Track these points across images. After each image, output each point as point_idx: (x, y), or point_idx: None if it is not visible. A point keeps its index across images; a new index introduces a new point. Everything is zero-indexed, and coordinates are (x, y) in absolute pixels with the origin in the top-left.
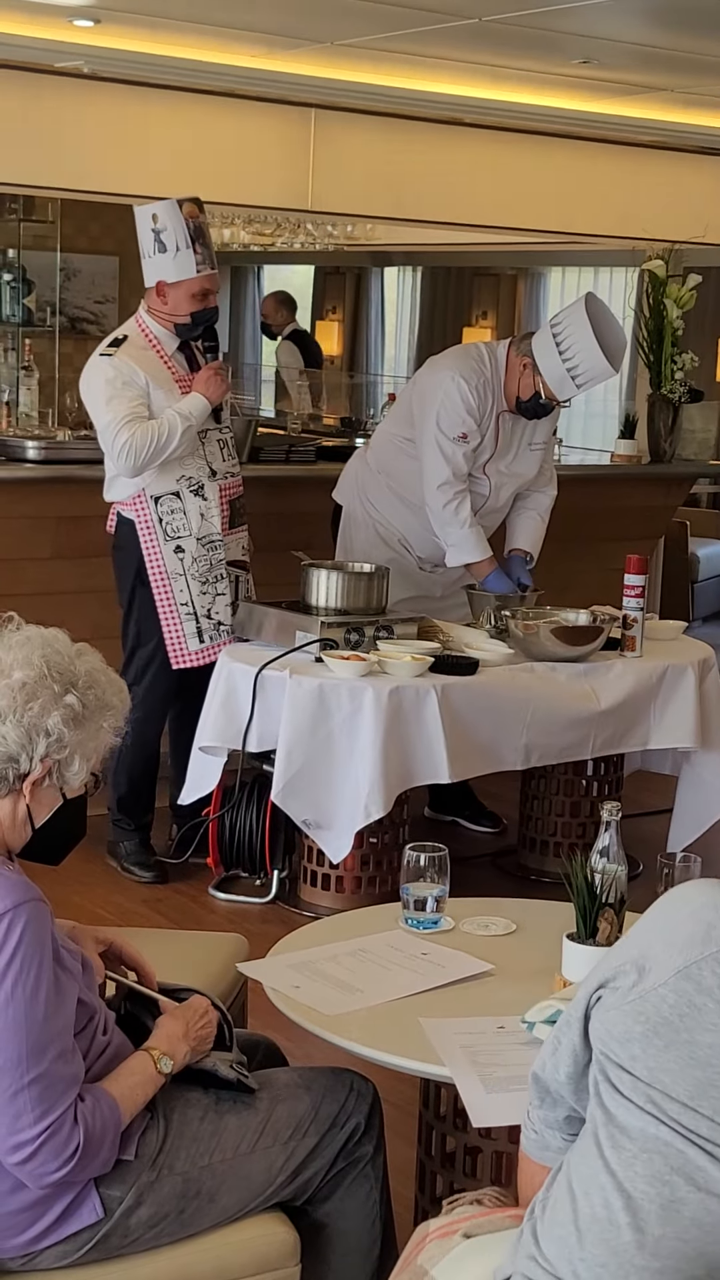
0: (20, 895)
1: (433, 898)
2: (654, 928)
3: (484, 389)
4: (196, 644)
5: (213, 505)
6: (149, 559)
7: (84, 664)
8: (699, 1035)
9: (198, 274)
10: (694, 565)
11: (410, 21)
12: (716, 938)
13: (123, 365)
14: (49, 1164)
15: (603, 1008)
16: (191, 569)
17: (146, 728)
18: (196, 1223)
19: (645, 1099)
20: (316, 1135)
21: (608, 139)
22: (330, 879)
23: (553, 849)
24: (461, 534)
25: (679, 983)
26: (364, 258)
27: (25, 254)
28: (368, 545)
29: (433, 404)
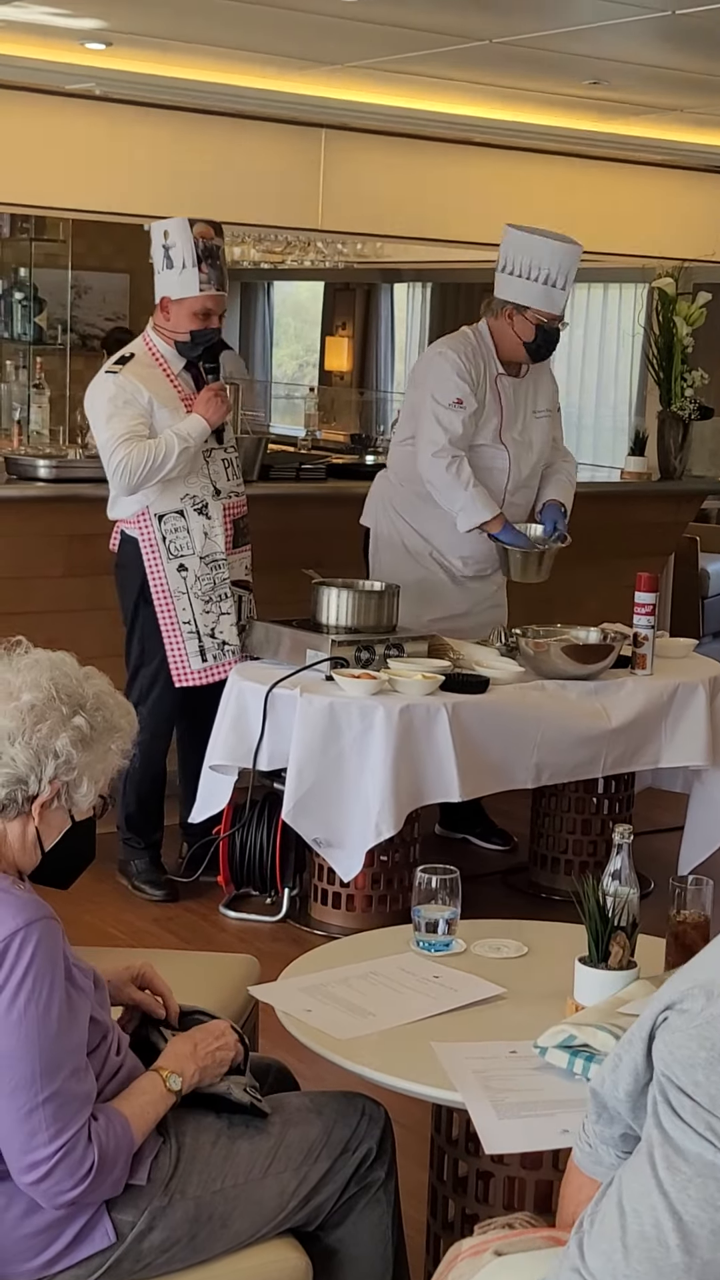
0: (32, 914)
1: (444, 920)
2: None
3: (474, 355)
4: (199, 663)
5: (216, 524)
6: (152, 577)
7: (92, 686)
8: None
9: (200, 293)
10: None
11: (420, 43)
12: None
13: (126, 383)
14: (64, 1183)
15: (668, 1029)
16: (195, 588)
17: (152, 746)
18: (208, 1248)
19: (705, 1126)
20: (329, 1160)
21: (617, 158)
22: (341, 897)
23: (564, 867)
24: (467, 495)
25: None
26: (374, 274)
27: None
28: (395, 563)
29: (425, 382)
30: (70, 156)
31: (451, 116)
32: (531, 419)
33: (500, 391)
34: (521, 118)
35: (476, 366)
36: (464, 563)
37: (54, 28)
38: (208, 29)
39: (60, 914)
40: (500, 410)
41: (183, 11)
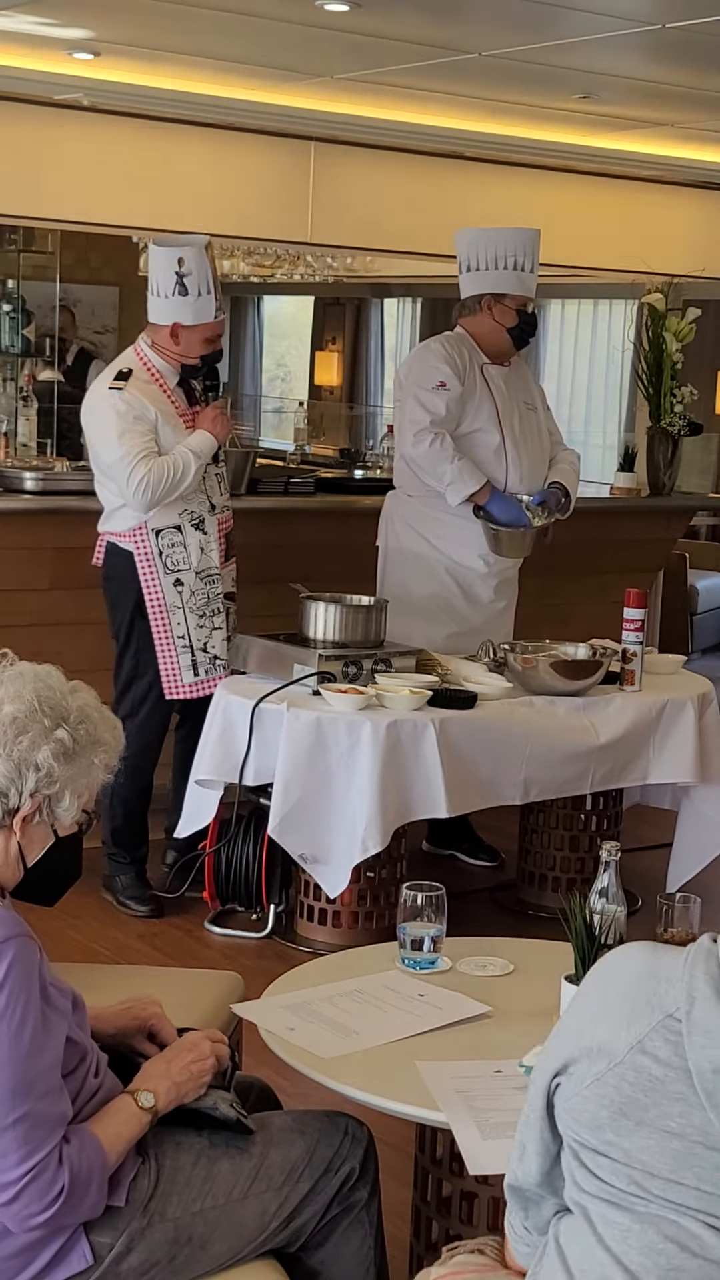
0: (7, 931)
1: (430, 937)
2: (595, 1009)
3: (457, 343)
4: (191, 676)
5: (212, 539)
6: (148, 592)
7: (77, 700)
8: (668, 1107)
9: (215, 319)
10: (693, 598)
11: (410, 56)
12: (659, 1004)
13: (133, 400)
14: (32, 1206)
15: (563, 1097)
16: (190, 602)
17: (141, 760)
18: (188, 1270)
19: (627, 1180)
20: (310, 1180)
21: (607, 173)
22: (327, 914)
23: (551, 883)
24: (454, 468)
25: (634, 1058)
26: (363, 289)
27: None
28: (406, 578)
29: (409, 375)
30: (58, 167)
31: (441, 130)
32: (524, 411)
33: (489, 379)
34: (512, 131)
35: (462, 356)
36: (485, 563)
37: (42, 37)
38: (196, 40)
39: (43, 930)
40: (492, 396)
41: (171, 22)
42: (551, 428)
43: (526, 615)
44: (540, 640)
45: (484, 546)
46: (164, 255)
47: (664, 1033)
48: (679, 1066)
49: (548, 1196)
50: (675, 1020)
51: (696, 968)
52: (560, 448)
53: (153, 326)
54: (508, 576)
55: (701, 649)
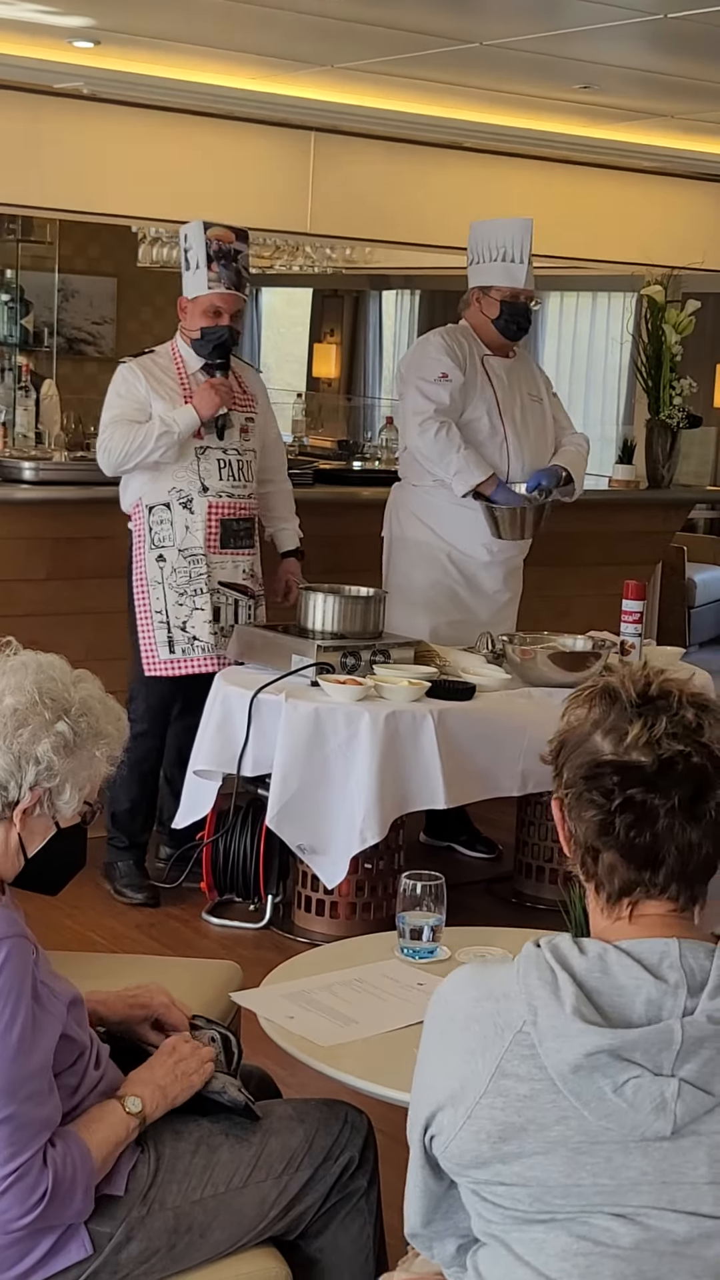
0: (1, 932)
1: (429, 927)
2: (444, 1050)
3: (456, 334)
4: (166, 653)
5: (198, 520)
6: (135, 566)
7: (80, 691)
8: (543, 1117)
9: (209, 290)
10: (691, 591)
11: (411, 45)
12: (504, 1023)
13: (128, 373)
14: (13, 1209)
15: (440, 1147)
16: (170, 579)
17: (140, 744)
18: (187, 1258)
19: (529, 1199)
20: (310, 1169)
21: (607, 164)
22: (325, 904)
23: (548, 875)
24: (459, 458)
25: (498, 1084)
26: (362, 281)
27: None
28: (409, 567)
29: (410, 369)
30: (57, 156)
31: (442, 120)
32: (529, 402)
33: (490, 371)
34: (512, 122)
35: (462, 346)
36: (489, 551)
37: (42, 25)
38: (197, 28)
39: (41, 919)
40: (493, 388)
41: (172, 11)
42: (559, 415)
43: (525, 607)
44: (539, 632)
45: (487, 535)
46: (180, 235)
47: (518, 1050)
48: (542, 1078)
49: (443, 1236)
50: (525, 1034)
51: (529, 977)
52: (568, 433)
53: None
54: (512, 566)
55: (699, 642)
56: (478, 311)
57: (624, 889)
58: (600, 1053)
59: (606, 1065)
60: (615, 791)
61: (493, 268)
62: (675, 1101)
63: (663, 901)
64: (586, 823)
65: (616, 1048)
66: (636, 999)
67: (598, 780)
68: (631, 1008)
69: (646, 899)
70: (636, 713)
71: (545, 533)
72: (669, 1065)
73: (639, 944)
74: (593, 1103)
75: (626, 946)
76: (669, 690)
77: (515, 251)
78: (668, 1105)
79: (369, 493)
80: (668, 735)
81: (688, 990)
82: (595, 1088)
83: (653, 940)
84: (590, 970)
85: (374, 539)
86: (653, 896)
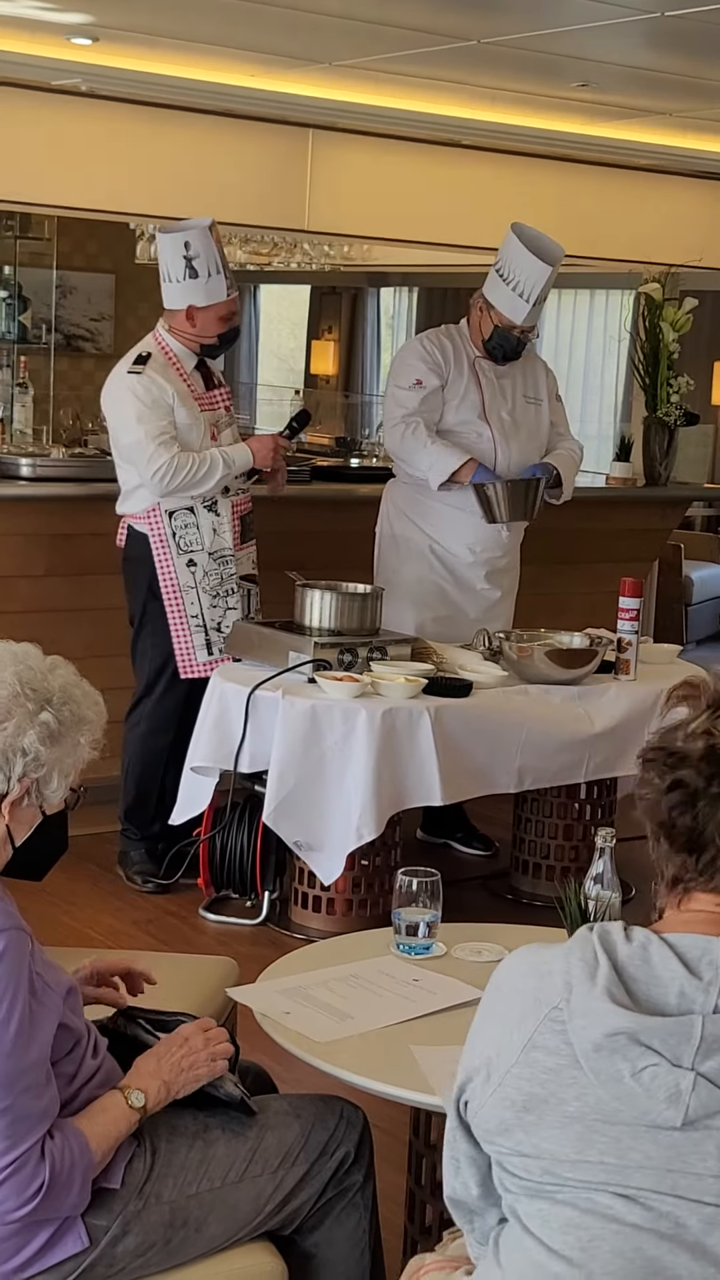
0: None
1: (424, 923)
2: (487, 1021)
3: (443, 338)
4: (205, 655)
5: (225, 521)
6: (161, 572)
7: (58, 679)
8: (564, 1094)
9: (227, 297)
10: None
11: (408, 43)
12: (543, 999)
13: (151, 384)
14: (10, 1201)
15: (472, 1112)
16: (203, 582)
17: (156, 739)
18: (183, 1253)
19: (540, 1171)
20: (305, 1164)
21: (605, 162)
22: (321, 901)
23: (545, 872)
24: (430, 451)
25: (528, 1055)
26: (360, 278)
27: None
28: (397, 561)
29: (390, 373)
30: (55, 153)
31: (439, 118)
32: (523, 403)
33: (480, 372)
34: (509, 120)
35: (445, 349)
36: (471, 551)
37: (40, 22)
38: (195, 25)
39: (37, 914)
40: (481, 392)
41: (170, 8)
42: (557, 420)
43: (522, 604)
44: (536, 629)
45: (471, 536)
46: (170, 241)
47: (551, 1025)
48: (567, 1054)
49: (490, 1207)
50: (559, 1011)
51: (573, 956)
52: (562, 439)
53: (169, 313)
54: (499, 566)
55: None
56: (476, 321)
57: (676, 877)
58: (620, 1034)
59: (626, 1048)
60: (666, 773)
61: (504, 292)
62: (690, 1094)
63: (711, 895)
64: (645, 802)
65: (636, 1032)
66: (670, 991)
67: (655, 762)
68: (665, 999)
69: (696, 890)
70: (707, 705)
71: (543, 529)
72: (688, 1059)
73: (684, 938)
74: (610, 1083)
75: (671, 939)
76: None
77: (529, 289)
78: (682, 1097)
79: (366, 489)
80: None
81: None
82: (614, 1069)
83: (696, 936)
84: (632, 957)
85: (371, 536)
86: (702, 888)
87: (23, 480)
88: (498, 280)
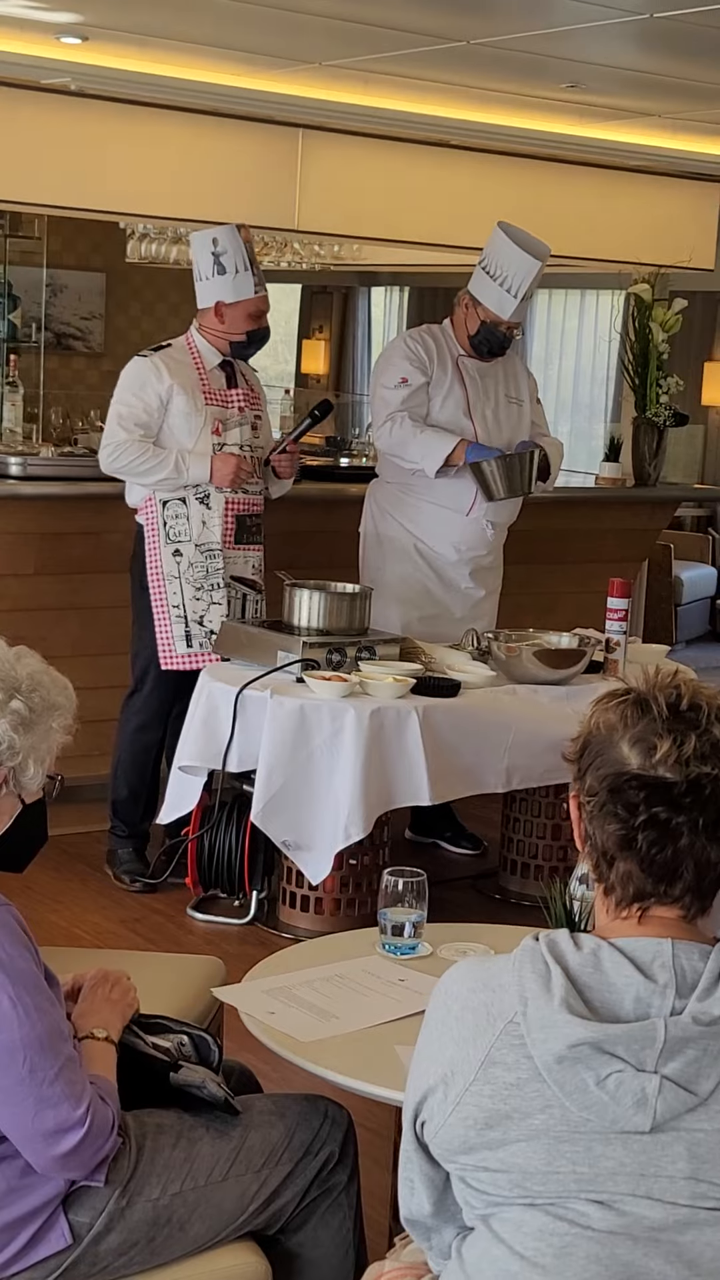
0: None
1: (410, 923)
2: (437, 1038)
3: (428, 336)
4: (184, 647)
5: (215, 515)
6: (149, 560)
7: (25, 667)
8: (527, 1106)
9: (255, 294)
10: (677, 588)
11: (398, 43)
12: (497, 1013)
13: (151, 367)
14: (97, 1141)
15: (431, 1131)
16: (187, 573)
17: (145, 734)
18: (167, 1251)
19: (509, 1185)
20: (290, 1163)
21: (595, 163)
22: (310, 900)
23: (533, 872)
24: (421, 440)
25: (486, 1072)
26: (351, 277)
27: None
28: (380, 560)
29: (375, 372)
30: (45, 152)
31: (429, 118)
32: (505, 402)
33: (463, 370)
34: (499, 120)
35: (428, 347)
36: (456, 549)
37: (30, 21)
38: (185, 25)
39: (26, 914)
40: (465, 389)
41: (160, 7)
42: (538, 420)
43: (510, 604)
44: (524, 629)
45: (456, 535)
46: (200, 239)
47: (508, 1040)
48: (528, 1068)
49: (445, 1224)
50: (515, 1024)
51: (524, 969)
52: (544, 438)
53: (201, 312)
54: (483, 564)
55: (686, 640)
56: (461, 314)
57: (637, 896)
58: (583, 1045)
59: (590, 1058)
60: (640, 808)
61: (490, 288)
62: (656, 1098)
63: (671, 908)
64: (608, 834)
65: (599, 1041)
66: (626, 996)
67: (622, 794)
68: (621, 1005)
69: (657, 906)
70: (666, 727)
71: (532, 529)
72: (651, 1062)
73: (633, 942)
74: (575, 1094)
75: (621, 944)
76: (699, 704)
77: (516, 285)
78: (648, 1101)
79: (356, 489)
80: (697, 756)
81: (677, 991)
82: (578, 1079)
83: (647, 939)
84: (583, 965)
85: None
86: (664, 904)
87: (12, 479)
88: (484, 277)
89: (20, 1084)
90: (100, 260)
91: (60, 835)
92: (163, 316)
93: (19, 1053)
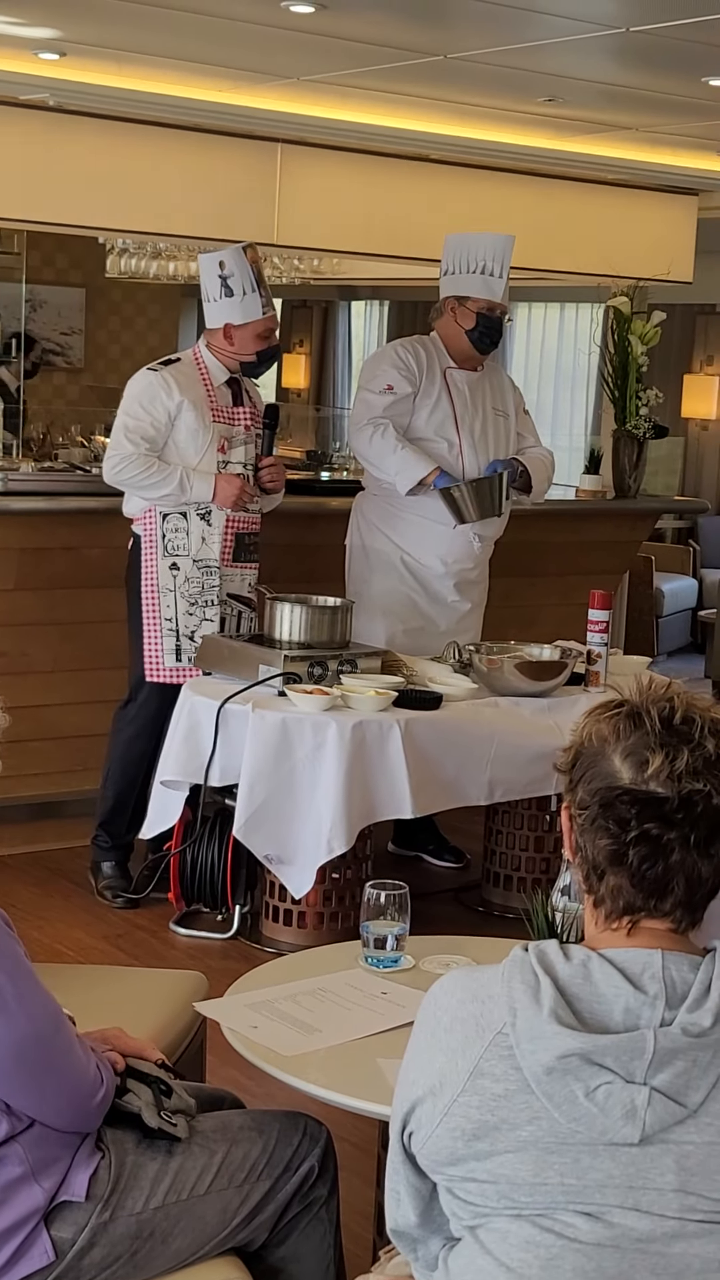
0: None
1: (393, 936)
2: (426, 1049)
3: (419, 346)
4: (173, 660)
5: (215, 532)
6: (145, 572)
7: None
8: (515, 1117)
9: (263, 315)
10: (658, 600)
11: (377, 58)
12: (486, 1024)
13: (161, 384)
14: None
15: (418, 1143)
16: (183, 588)
17: (136, 744)
18: (149, 1266)
19: (497, 1195)
20: (270, 1178)
21: (573, 176)
22: (292, 914)
23: (516, 884)
24: (399, 457)
25: (475, 1083)
26: (331, 291)
27: None
28: (366, 572)
29: (361, 377)
30: (23, 167)
31: (407, 132)
32: (493, 415)
33: (451, 383)
34: (478, 134)
35: (418, 358)
36: (443, 563)
37: (7, 36)
38: (163, 41)
39: None
40: (452, 402)
41: (138, 23)
42: (525, 432)
43: (492, 616)
44: (505, 641)
45: (442, 548)
46: (208, 261)
47: (497, 1051)
48: (517, 1079)
49: (431, 1235)
50: (504, 1036)
51: (513, 980)
52: (532, 449)
53: (209, 331)
54: (469, 578)
55: (667, 651)
56: (451, 322)
57: (627, 909)
58: (572, 1056)
59: (579, 1069)
60: (632, 823)
61: (471, 279)
62: (645, 1109)
63: (662, 921)
64: (599, 848)
65: (588, 1052)
66: (615, 1007)
67: (614, 809)
68: (610, 1016)
69: (647, 919)
70: (659, 741)
71: (513, 542)
72: (641, 1074)
73: (623, 953)
74: (564, 1105)
75: (611, 955)
76: (692, 717)
77: (495, 266)
78: (637, 1112)
79: (337, 503)
80: (689, 771)
81: (666, 1002)
82: (567, 1090)
83: (637, 950)
84: (573, 977)
85: (341, 549)
86: (654, 918)
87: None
88: (459, 276)
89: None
90: (79, 275)
91: (43, 851)
92: (142, 331)
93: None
